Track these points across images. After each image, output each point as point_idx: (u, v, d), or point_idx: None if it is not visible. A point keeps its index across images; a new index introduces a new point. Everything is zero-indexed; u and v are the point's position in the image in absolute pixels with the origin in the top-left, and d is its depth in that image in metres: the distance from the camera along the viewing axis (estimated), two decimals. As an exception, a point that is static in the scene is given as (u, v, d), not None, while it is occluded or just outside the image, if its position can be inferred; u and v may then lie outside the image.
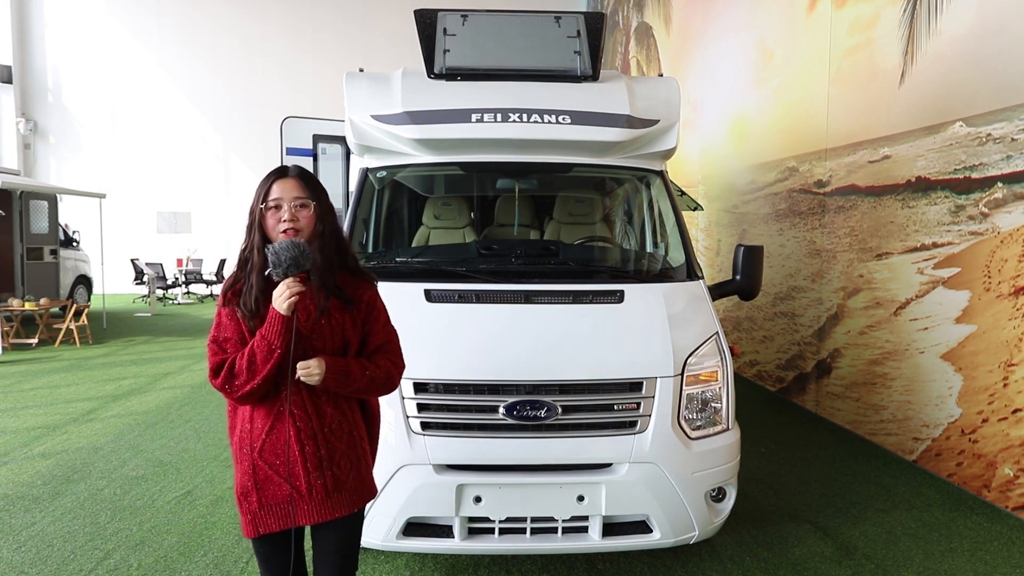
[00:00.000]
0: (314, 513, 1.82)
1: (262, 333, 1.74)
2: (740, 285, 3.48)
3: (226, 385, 1.76)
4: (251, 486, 1.82)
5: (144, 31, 17.42)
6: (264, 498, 1.81)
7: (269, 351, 1.73)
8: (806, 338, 6.24)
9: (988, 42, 4.14)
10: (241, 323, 1.81)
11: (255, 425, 1.82)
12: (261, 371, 1.73)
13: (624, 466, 2.72)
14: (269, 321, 1.74)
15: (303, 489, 1.81)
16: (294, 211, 1.82)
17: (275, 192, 1.84)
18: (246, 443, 1.83)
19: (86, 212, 14.24)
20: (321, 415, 1.84)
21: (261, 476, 1.81)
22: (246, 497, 1.83)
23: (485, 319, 2.90)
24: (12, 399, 6.36)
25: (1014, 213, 3.93)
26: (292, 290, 1.72)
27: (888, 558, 3.37)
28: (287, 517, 1.81)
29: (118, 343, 9.74)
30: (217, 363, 1.78)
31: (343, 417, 1.88)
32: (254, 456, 1.81)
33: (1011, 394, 3.91)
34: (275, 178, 1.86)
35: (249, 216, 1.86)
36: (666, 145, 3.63)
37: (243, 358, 1.75)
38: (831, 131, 5.86)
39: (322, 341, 1.83)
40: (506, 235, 4.69)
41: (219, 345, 1.81)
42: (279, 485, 1.81)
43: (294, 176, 1.87)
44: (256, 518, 1.82)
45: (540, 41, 3.73)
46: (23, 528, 3.57)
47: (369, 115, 3.47)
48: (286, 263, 1.71)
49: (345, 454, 1.87)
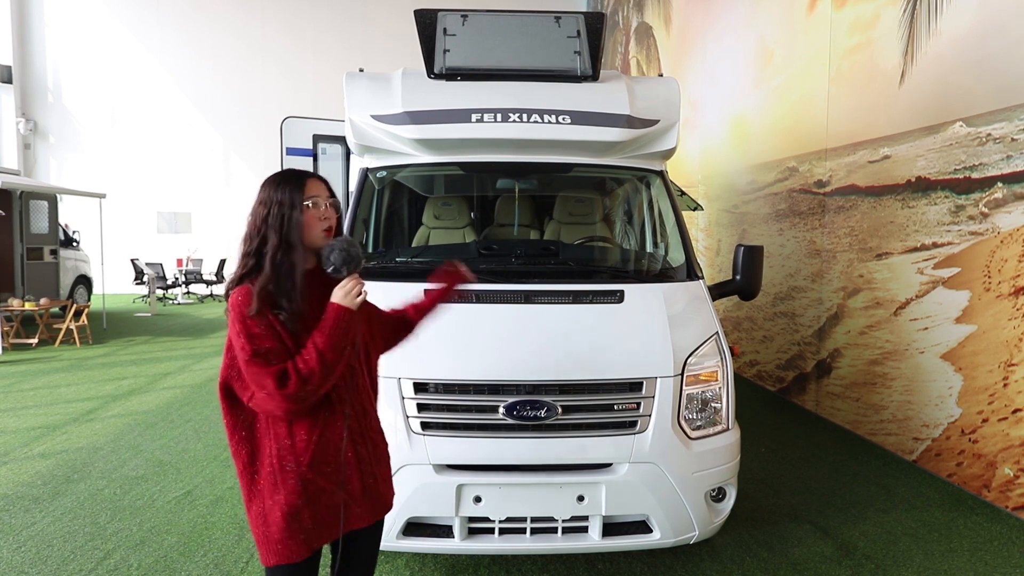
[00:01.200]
0: (366, 514, 1.83)
1: (327, 332, 1.67)
2: (740, 285, 3.48)
3: (300, 392, 1.63)
4: (302, 504, 1.71)
5: (144, 31, 17.42)
6: (317, 513, 1.73)
7: (342, 350, 1.68)
8: (806, 338, 6.24)
9: (988, 42, 4.14)
10: (280, 330, 1.68)
11: (297, 439, 1.72)
12: (335, 371, 1.68)
13: (624, 466, 2.72)
14: (337, 319, 1.68)
15: (357, 491, 1.79)
16: (328, 208, 1.81)
17: (311, 190, 1.78)
18: (288, 462, 1.71)
19: (86, 212, 14.23)
20: (365, 414, 1.86)
21: (312, 490, 1.72)
22: (297, 517, 1.71)
23: (485, 319, 2.90)
24: (12, 399, 6.36)
25: (1014, 213, 3.93)
26: (361, 285, 1.74)
27: (888, 558, 3.37)
28: (346, 521, 1.78)
29: (118, 343, 9.73)
30: (279, 372, 1.64)
31: (374, 413, 1.92)
32: (301, 471, 1.71)
33: (1011, 394, 3.91)
34: (306, 177, 1.81)
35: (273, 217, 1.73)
36: (666, 145, 3.63)
37: (310, 361, 1.64)
38: (831, 131, 5.86)
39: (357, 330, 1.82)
40: (506, 235, 4.69)
41: (264, 358, 1.64)
42: (331, 494, 1.75)
43: (317, 178, 1.85)
44: (310, 535, 1.73)
45: (540, 41, 3.73)
46: (23, 528, 3.57)
47: (369, 115, 3.47)
48: (356, 260, 1.73)
49: (384, 452, 1.92)
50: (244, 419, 1.77)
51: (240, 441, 1.76)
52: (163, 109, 17.59)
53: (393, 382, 2.69)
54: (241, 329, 1.66)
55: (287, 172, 1.83)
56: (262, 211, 1.75)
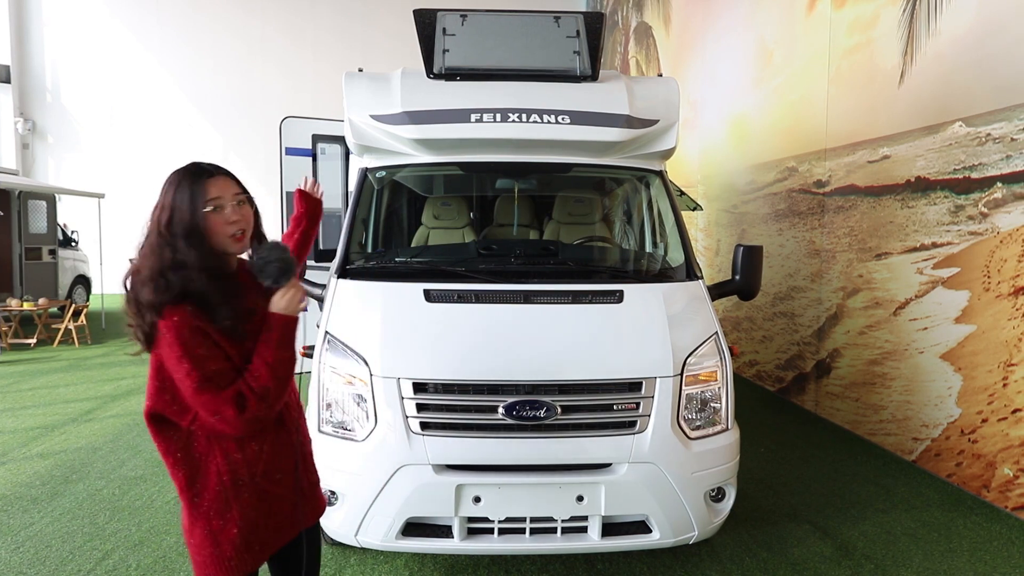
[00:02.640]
0: (311, 512, 1.82)
1: (274, 345, 1.57)
2: (739, 285, 3.47)
3: (260, 412, 1.54)
4: (259, 516, 1.65)
5: (144, 30, 17.40)
6: (273, 520, 1.70)
7: (291, 359, 1.60)
8: (805, 338, 6.24)
9: (988, 42, 4.14)
10: (224, 344, 1.56)
11: (248, 451, 1.64)
12: (288, 383, 1.62)
13: (623, 466, 2.71)
14: (283, 328, 1.59)
15: (305, 489, 1.80)
16: (236, 209, 1.64)
17: (213, 191, 1.60)
18: (242, 476, 1.63)
19: (85, 212, 14.21)
20: (299, 409, 1.85)
21: (269, 500, 1.68)
22: (255, 531, 1.64)
23: (484, 319, 2.90)
24: (10, 399, 6.35)
25: (1013, 213, 3.93)
26: (299, 290, 1.64)
27: (887, 558, 3.37)
28: (293, 524, 1.77)
29: (117, 343, 9.72)
30: (233, 395, 1.52)
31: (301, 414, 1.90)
32: (256, 482, 1.64)
33: (1011, 394, 3.91)
34: (207, 175, 1.63)
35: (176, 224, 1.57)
36: (665, 145, 3.62)
37: (261, 378, 1.54)
38: (831, 131, 5.86)
39: None
40: (505, 235, 4.70)
41: (214, 382, 1.53)
42: (283, 499, 1.73)
43: (221, 172, 1.67)
44: (267, 546, 1.69)
45: (539, 41, 3.73)
46: (21, 528, 3.57)
47: (368, 115, 3.46)
48: (291, 267, 1.62)
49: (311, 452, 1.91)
50: (178, 440, 1.62)
51: (176, 464, 1.62)
52: (162, 109, 17.57)
53: (392, 382, 2.69)
54: (183, 353, 1.51)
55: (186, 169, 1.65)
56: (164, 217, 1.58)
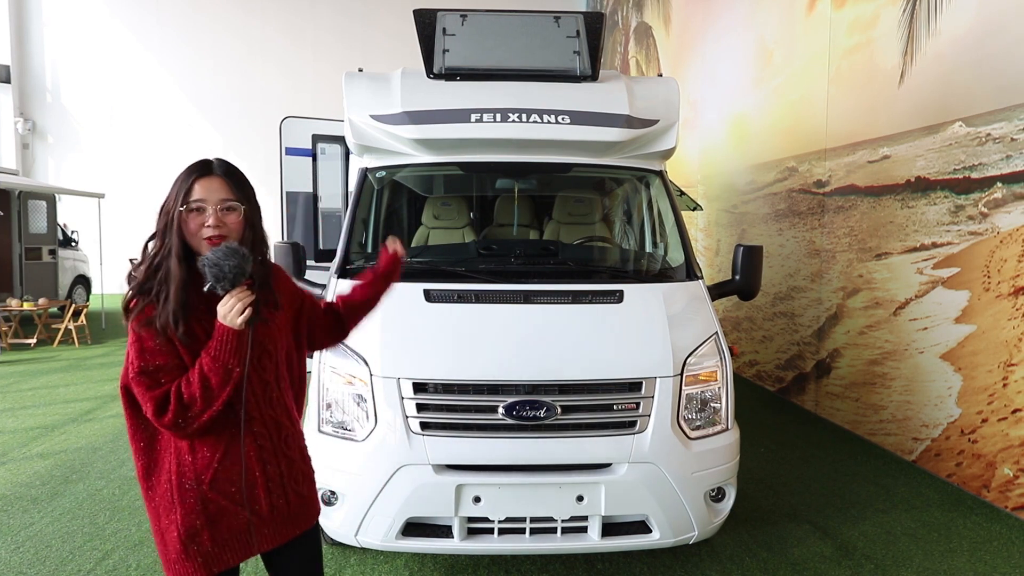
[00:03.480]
0: (276, 535, 1.68)
1: (212, 354, 1.50)
2: (739, 285, 3.48)
3: (179, 420, 1.50)
4: (201, 524, 1.58)
5: (143, 30, 17.40)
6: (218, 534, 1.59)
7: (226, 373, 1.51)
8: (805, 338, 6.24)
9: (988, 42, 4.14)
10: (175, 344, 1.53)
11: (199, 456, 1.58)
12: (220, 396, 1.51)
13: (623, 466, 2.71)
14: (220, 340, 1.51)
15: (264, 512, 1.65)
16: (220, 215, 1.58)
17: (198, 192, 1.57)
18: (188, 479, 1.57)
19: (85, 212, 14.21)
20: (279, 427, 1.70)
21: (213, 510, 1.59)
22: (194, 538, 1.58)
23: (484, 319, 2.90)
24: (10, 399, 6.35)
25: (1013, 213, 3.93)
26: (244, 301, 1.51)
27: (888, 558, 3.37)
28: (246, 547, 1.64)
29: (117, 343, 9.72)
30: (159, 397, 1.49)
31: (294, 428, 1.77)
32: (202, 490, 1.57)
33: (1011, 394, 3.91)
34: (197, 175, 1.59)
35: (162, 216, 1.58)
36: (665, 145, 3.62)
37: (192, 385, 1.50)
38: (831, 131, 5.86)
39: (275, 343, 1.69)
40: (505, 235, 4.69)
41: (151, 377, 1.51)
42: (235, 515, 1.61)
43: (220, 175, 1.62)
44: (209, 559, 1.59)
45: (539, 41, 3.73)
46: (21, 528, 3.57)
47: (368, 115, 3.46)
48: (231, 274, 1.48)
49: (300, 467, 1.76)
50: (145, 429, 1.61)
51: (138, 451, 1.62)
52: (162, 109, 17.57)
53: (392, 382, 2.69)
54: (134, 340, 1.52)
55: (190, 165, 1.62)
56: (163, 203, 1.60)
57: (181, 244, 1.56)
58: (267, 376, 1.68)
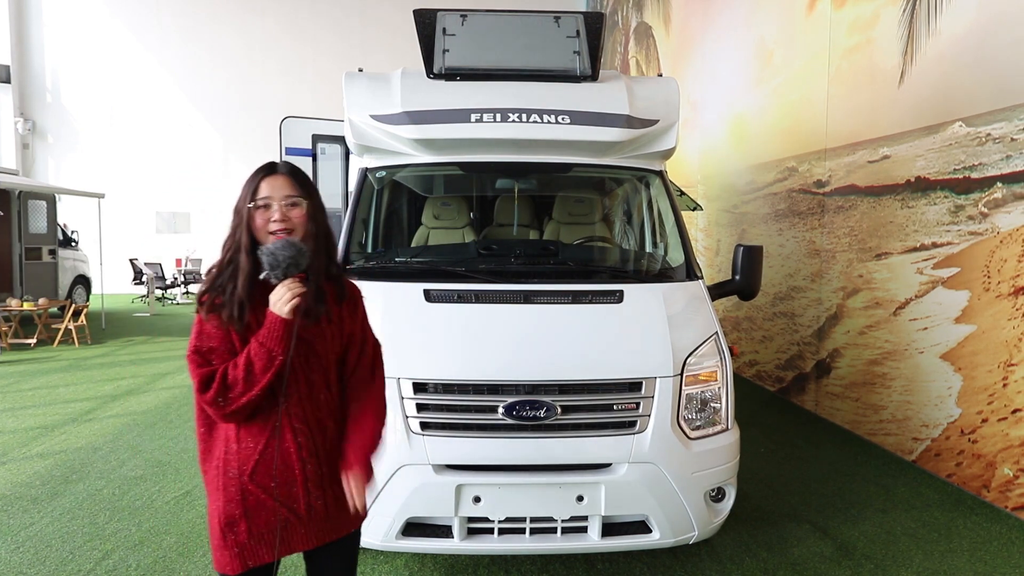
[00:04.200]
0: (312, 537, 1.71)
1: (260, 340, 1.60)
2: (739, 285, 3.48)
3: (219, 399, 1.59)
4: (239, 515, 1.64)
5: (143, 30, 17.41)
6: (254, 527, 1.65)
7: (270, 359, 1.59)
8: (805, 338, 6.24)
9: (988, 42, 4.14)
10: (231, 332, 1.65)
11: (243, 446, 1.65)
12: (260, 381, 1.59)
13: (623, 466, 2.71)
14: (268, 327, 1.60)
15: (302, 511, 1.68)
16: (285, 210, 1.69)
17: (264, 190, 1.70)
18: (232, 467, 1.65)
19: (85, 212, 14.22)
20: (323, 430, 1.73)
21: (252, 502, 1.64)
22: (232, 528, 1.64)
23: (484, 319, 2.89)
24: (10, 399, 6.35)
25: (1013, 213, 3.93)
26: (293, 291, 1.60)
27: (888, 558, 3.37)
28: (282, 544, 1.67)
29: (117, 343, 9.72)
30: (205, 375, 1.61)
31: (341, 433, 1.78)
32: (243, 481, 1.64)
33: (1011, 394, 3.91)
34: (264, 175, 1.72)
35: (234, 216, 1.72)
36: (665, 145, 3.62)
37: (237, 368, 1.59)
38: (831, 131, 5.86)
39: (324, 344, 1.73)
40: (505, 235, 4.69)
41: (203, 356, 1.63)
42: (273, 510, 1.65)
43: (284, 173, 1.74)
44: (244, 550, 1.64)
45: (539, 41, 3.73)
46: (21, 528, 3.57)
47: (368, 115, 3.46)
48: (284, 263, 1.60)
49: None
50: (208, 415, 1.70)
51: (199, 436, 1.72)
52: (162, 108, 17.58)
53: (392, 382, 2.68)
54: (197, 319, 1.68)
55: (257, 168, 1.76)
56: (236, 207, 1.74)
57: (250, 239, 1.69)
58: (313, 376, 1.72)
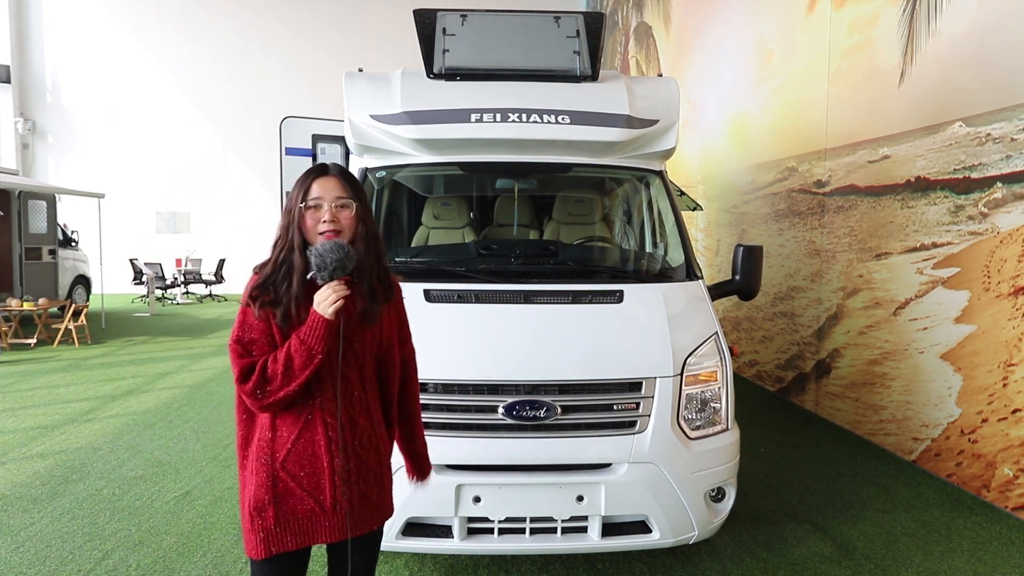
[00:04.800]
0: (335, 530, 1.73)
1: (301, 337, 1.64)
2: (739, 285, 3.48)
3: (257, 391, 1.63)
4: (268, 500, 1.68)
5: (143, 30, 17.41)
6: (281, 513, 1.69)
7: (309, 356, 1.63)
8: (805, 338, 6.24)
9: (988, 42, 4.14)
10: (272, 324, 1.69)
11: (279, 434, 1.70)
12: (299, 377, 1.63)
13: (623, 466, 2.71)
14: (311, 325, 1.64)
15: (327, 504, 1.71)
16: (335, 211, 1.74)
17: (315, 191, 1.74)
18: (265, 453, 1.70)
19: (85, 212, 14.22)
20: (355, 426, 1.76)
21: (281, 489, 1.69)
22: (260, 513, 1.69)
23: (484, 319, 2.90)
24: (10, 399, 6.35)
25: (1013, 213, 3.93)
26: (338, 294, 1.64)
27: (888, 558, 3.37)
28: (305, 534, 1.71)
29: (117, 343, 9.72)
30: (246, 366, 1.65)
31: (373, 430, 1.81)
32: (275, 467, 1.69)
33: (1011, 394, 3.91)
34: (316, 176, 1.76)
35: (286, 215, 1.77)
36: (665, 145, 3.62)
37: (277, 362, 1.64)
38: (831, 131, 5.86)
39: (363, 343, 1.77)
40: (505, 235, 4.69)
41: (244, 347, 1.68)
42: (300, 499, 1.70)
43: (335, 175, 1.78)
44: (270, 536, 1.69)
45: (539, 41, 3.73)
46: (21, 528, 3.57)
47: (368, 115, 3.46)
48: (332, 265, 1.63)
49: (372, 469, 1.80)
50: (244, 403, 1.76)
51: (240, 422, 1.78)
52: (162, 108, 17.58)
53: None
54: (241, 310, 1.72)
55: (309, 169, 1.81)
56: (286, 207, 1.80)
57: (301, 239, 1.73)
58: (348, 373, 1.76)
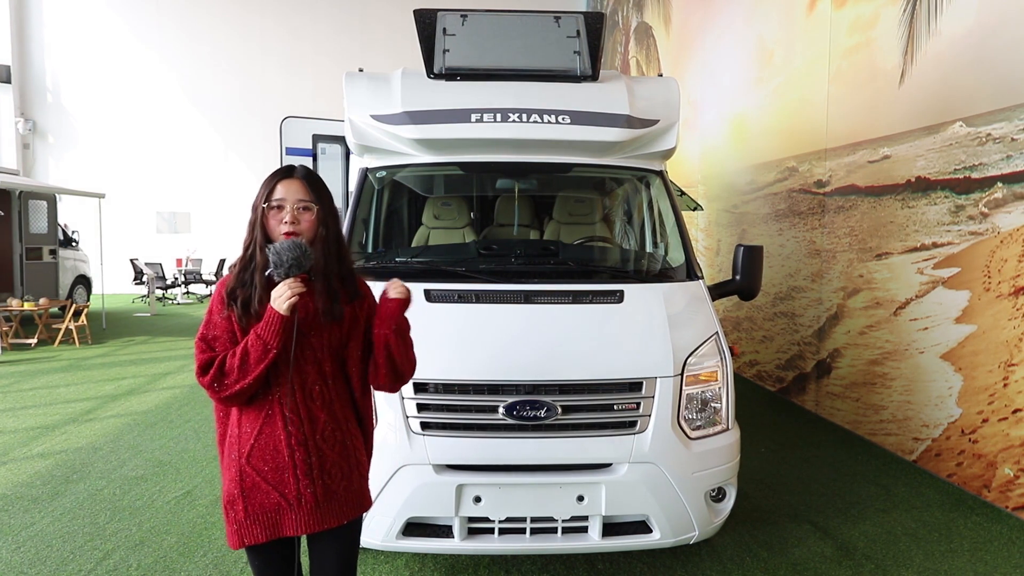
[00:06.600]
0: (301, 524, 1.77)
1: (257, 332, 1.70)
2: (740, 285, 3.48)
3: (214, 383, 1.71)
4: (237, 494, 1.75)
5: (144, 30, 17.41)
6: (250, 507, 1.75)
7: (264, 351, 1.69)
8: (806, 338, 6.24)
9: (988, 42, 4.14)
10: (233, 321, 1.76)
11: (243, 429, 1.77)
12: (253, 371, 1.69)
13: (624, 466, 2.71)
14: (267, 320, 1.70)
15: (291, 497, 1.75)
16: (296, 213, 1.79)
17: (279, 192, 1.81)
18: (234, 449, 1.77)
19: (85, 212, 14.23)
20: (313, 420, 1.79)
21: (248, 483, 1.75)
22: (232, 506, 1.77)
23: (485, 319, 2.90)
24: (11, 399, 6.35)
25: (1014, 213, 3.93)
26: (293, 290, 1.69)
27: (888, 558, 3.37)
28: (275, 526, 1.76)
29: (117, 343, 9.73)
30: (205, 360, 1.73)
31: (336, 425, 1.83)
32: (241, 462, 1.76)
33: (1011, 394, 3.91)
34: (280, 178, 1.83)
35: (252, 213, 1.83)
36: (666, 145, 3.62)
37: (235, 356, 1.70)
38: (831, 131, 5.86)
39: (320, 340, 1.81)
40: (506, 235, 4.69)
41: (207, 343, 1.76)
42: (267, 493, 1.75)
43: (299, 177, 1.84)
44: (241, 528, 1.76)
45: (540, 41, 3.73)
46: (22, 528, 3.57)
47: (369, 115, 3.46)
48: (287, 263, 1.68)
49: (337, 463, 1.81)
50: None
51: (217, 419, 1.86)
52: (162, 108, 17.57)
53: (392, 382, 2.69)
54: (208, 308, 1.81)
55: (275, 171, 1.88)
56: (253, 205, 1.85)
57: (264, 237, 1.81)
58: (306, 368, 1.80)
